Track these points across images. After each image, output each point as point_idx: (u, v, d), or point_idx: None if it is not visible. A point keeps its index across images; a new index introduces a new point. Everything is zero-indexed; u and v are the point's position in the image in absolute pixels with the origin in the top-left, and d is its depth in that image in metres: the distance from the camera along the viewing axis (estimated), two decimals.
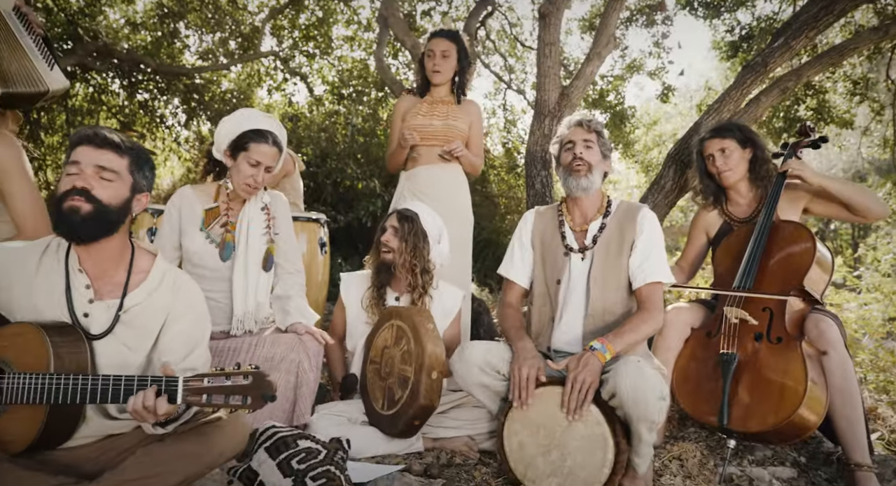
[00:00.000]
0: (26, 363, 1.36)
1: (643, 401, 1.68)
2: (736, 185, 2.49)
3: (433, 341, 2.07)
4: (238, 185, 2.16)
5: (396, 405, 2.07)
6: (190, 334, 1.54)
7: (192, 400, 1.29)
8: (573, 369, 1.78)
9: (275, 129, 2.18)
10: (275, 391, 1.32)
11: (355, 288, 2.45)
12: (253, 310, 2.19)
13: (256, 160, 2.11)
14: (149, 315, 1.51)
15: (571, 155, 2.07)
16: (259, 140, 2.11)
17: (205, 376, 1.29)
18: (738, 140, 2.46)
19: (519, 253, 2.20)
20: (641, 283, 2.00)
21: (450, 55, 2.89)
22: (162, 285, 1.55)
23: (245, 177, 2.12)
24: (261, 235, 2.23)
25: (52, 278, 1.46)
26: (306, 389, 2.03)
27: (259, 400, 1.29)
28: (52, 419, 1.36)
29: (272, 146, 2.14)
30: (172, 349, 1.51)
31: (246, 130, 2.12)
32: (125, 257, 1.53)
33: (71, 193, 1.40)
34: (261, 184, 2.16)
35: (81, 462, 1.45)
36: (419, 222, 2.37)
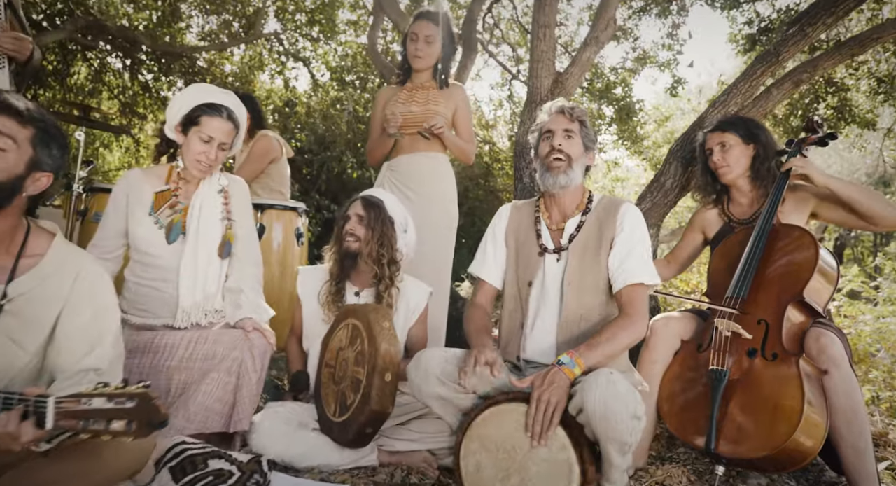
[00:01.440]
0: None
1: (614, 419, 1.48)
2: (735, 182, 2.30)
3: (388, 339, 1.88)
4: (189, 162, 2.00)
5: (348, 411, 1.88)
6: (90, 329, 1.36)
7: (66, 424, 1.10)
8: (538, 387, 1.58)
9: (230, 104, 2.02)
10: (165, 417, 1.12)
11: (312, 283, 2.27)
12: (201, 300, 2.01)
13: (209, 135, 1.96)
14: (40, 305, 1.33)
15: (549, 146, 1.87)
16: (212, 113, 1.96)
17: (82, 396, 1.10)
18: (741, 135, 2.27)
19: (492, 250, 2.00)
20: (622, 284, 1.79)
21: (434, 40, 2.70)
22: (59, 272, 1.36)
23: (196, 153, 1.97)
24: (218, 220, 2.06)
25: None
26: (247, 392, 1.84)
27: (145, 427, 1.10)
28: None
29: (226, 121, 1.98)
30: (69, 347, 1.33)
31: (199, 104, 1.96)
32: (16, 239, 1.35)
33: None
34: (214, 162, 1.99)
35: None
36: (385, 209, 2.18)
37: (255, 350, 1.88)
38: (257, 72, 7.57)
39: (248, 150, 3.54)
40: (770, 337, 1.93)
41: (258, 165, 3.49)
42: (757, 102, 2.79)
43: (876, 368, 3.27)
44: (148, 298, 2.01)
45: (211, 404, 1.78)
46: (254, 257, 2.16)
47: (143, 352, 1.87)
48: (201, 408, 1.77)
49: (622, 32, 6.14)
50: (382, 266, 2.15)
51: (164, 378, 1.84)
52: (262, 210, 3.23)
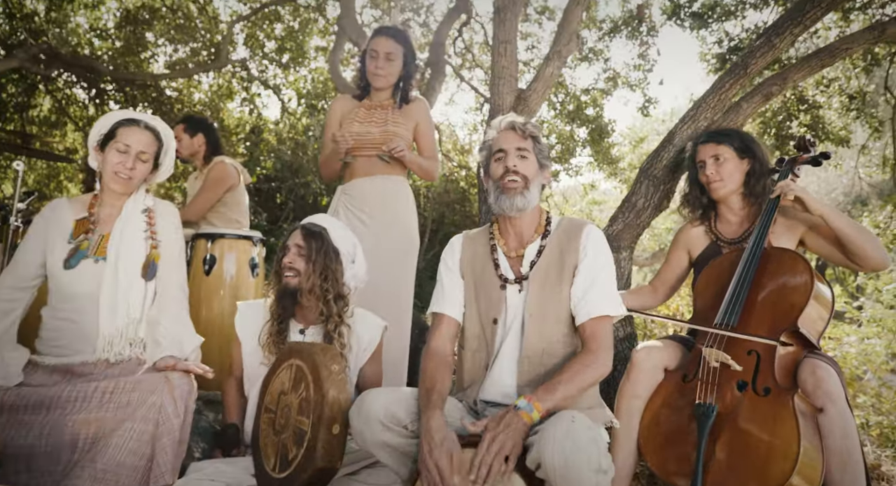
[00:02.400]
0: None
1: (575, 477, 1.29)
2: (727, 199, 2.16)
3: (336, 386, 1.66)
4: (108, 176, 1.90)
5: (290, 467, 1.65)
6: None
7: None
8: (491, 429, 1.40)
9: (151, 120, 1.97)
10: None
11: (253, 319, 2.05)
12: (123, 327, 1.83)
13: (125, 144, 1.89)
14: None
15: (503, 167, 1.70)
16: (128, 124, 1.92)
17: None
18: (735, 148, 2.14)
19: (448, 283, 1.80)
20: (585, 317, 1.62)
21: (395, 58, 2.56)
22: None
23: (113, 165, 1.88)
24: (141, 240, 1.93)
25: None
26: (169, 441, 1.61)
27: None
28: None
29: (144, 130, 1.93)
30: None
31: (117, 120, 1.92)
32: None
33: None
34: (133, 173, 1.90)
35: None
36: (328, 238, 1.98)
37: (175, 392, 1.67)
38: (226, 100, 7.43)
39: (204, 177, 3.37)
40: (762, 369, 1.77)
41: (213, 193, 3.31)
42: (727, 116, 2.69)
43: (864, 393, 3.13)
44: (65, 332, 1.83)
45: (124, 458, 1.55)
46: (177, 280, 1.99)
47: (48, 408, 1.64)
48: (111, 464, 1.54)
49: (593, 54, 6.13)
50: (328, 303, 1.94)
51: (69, 434, 1.60)
52: (213, 240, 3.03)
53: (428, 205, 6.92)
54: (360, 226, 2.56)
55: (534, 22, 6.80)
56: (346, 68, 5.89)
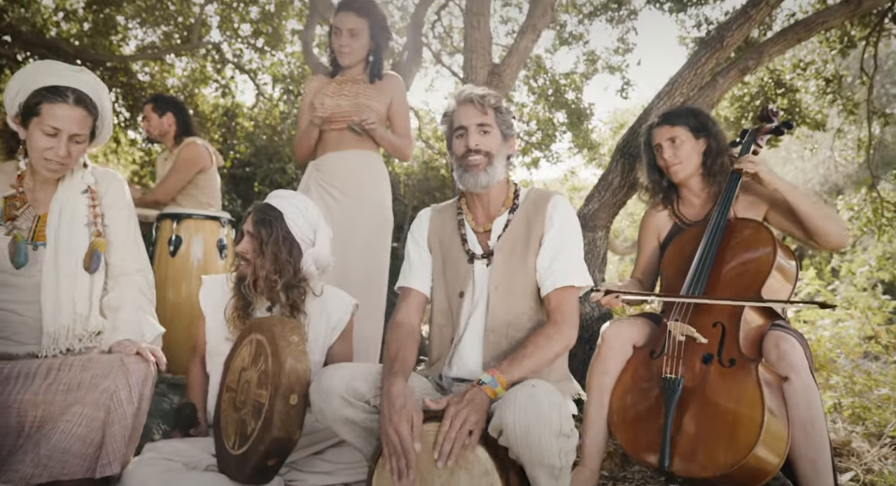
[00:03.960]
0: None
1: (536, 441, 1.26)
2: (687, 181, 2.12)
3: (294, 356, 1.61)
4: (36, 161, 1.66)
5: (248, 442, 1.60)
6: None
7: None
8: (454, 404, 1.36)
9: (81, 84, 1.67)
10: None
11: (217, 294, 1.98)
12: (70, 323, 1.69)
13: (53, 127, 1.61)
14: None
15: (464, 146, 1.64)
16: (53, 99, 1.61)
17: None
18: (690, 128, 2.09)
19: (416, 257, 1.76)
20: (550, 288, 1.58)
21: (359, 33, 2.47)
22: None
23: (41, 151, 1.63)
24: (82, 226, 1.74)
25: None
26: (120, 428, 1.52)
27: None
28: None
29: (74, 106, 1.63)
30: None
31: (37, 88, 1.61)
32: None
33: None
34: (67, 159, 1.65)
35: None
36: (281, 225, 1.85)
37: (131, 378, 1.56)
38: (200, 85, 7.26)
39: (174, 158, 3.26)
40: (727, 341, 1.76)
41: (184, 174, 3.21)
42: (703, 92, 2.66)
43: (837, 373, 3.15)
44: (7, 323, 1.69)
45: (70, 444, 1.47)
46: (135, 263, 1.84)
47: None
48: (57, 450, 1.45)
49: (573, 37, 6.09)
50: (277, 294, 1.85)
51: (15, 415, 1.51)
52: (178, 220, 2.95)
53: (408, 192, 6.84)
54: (331, 202, 2.49)
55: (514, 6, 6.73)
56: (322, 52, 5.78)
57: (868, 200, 4.97)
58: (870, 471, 2.14)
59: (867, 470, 2.14)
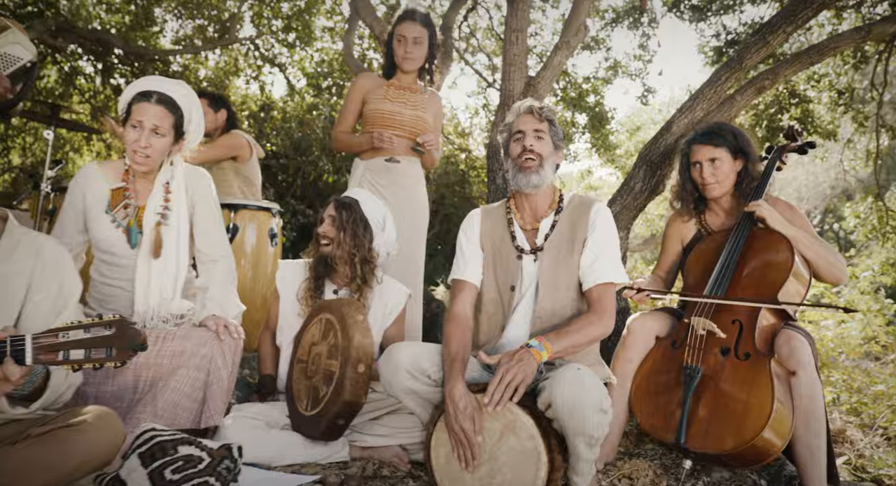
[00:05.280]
0: None
1: (580, 414, 1.51)
2: (719, 198, 2.28)
3: (361, 332, 1.89)
4: (128, 155, 1.91)
5: (320, 404, 1.88)
6: (56, 298, 1.41)
7: (46, 359, 1.14)
8: (505, 362, 1.60)
9: (164, 88, 1.91)
10: (144, 340, 1.17)
11: (292, 277, 2.27)
12: (156, 305, 1.94)
13: (138, 120, 1.85)
14: (6, 284, 1.35)
15: (521, 147, 1.88)
16: (140, 100, 1.87)
17: (59, 330, 1.14)
18: (730, 149, 2.22)
19: (469, 253, 1.97)
20: (591, 283, 1.82)
21: (422, 42, 2.70)
22: (18, 250, 1.39)
23: (130, 143, 1.86)
24: (155, 215, 1.96)
25: None
26: (217, 388, 1.82)
27: (126, 351, 1.15)
28: None
29: (155, 104, 1.87)
30: (36, 316, 1.36)
31: (133, 95, 1.89)
32: None
33: None
34: (149, 149, 1.88)
35: None
36: (359, 209, 2.18)
37: (224, 347, 1.86)
38: (232, 77, 7.52)
39: (212, 142, 3.46)
40: (743, 337, 1.96)
41: (217, 152, 3.37)
42: (721, 108, 2.88)
43: (837, 370, 3.37)
44: (114, 297, 1.97)
45: (179, 400, 1.76)
46: (220, 250, 2.09)
47: None
48: (170, 404, 1.74)
49: (595, 43, 6.29)
50: (354, 266, 2.15)
51: (132, 375, 1.80)
52: (235, 210, 3.20)
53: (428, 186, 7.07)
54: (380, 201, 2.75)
55: (537, 9, 6.93)
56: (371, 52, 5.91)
57: (874, 209, 5.16)
58: (861, 456, 2.39)
59: (859, 455, 2.39)
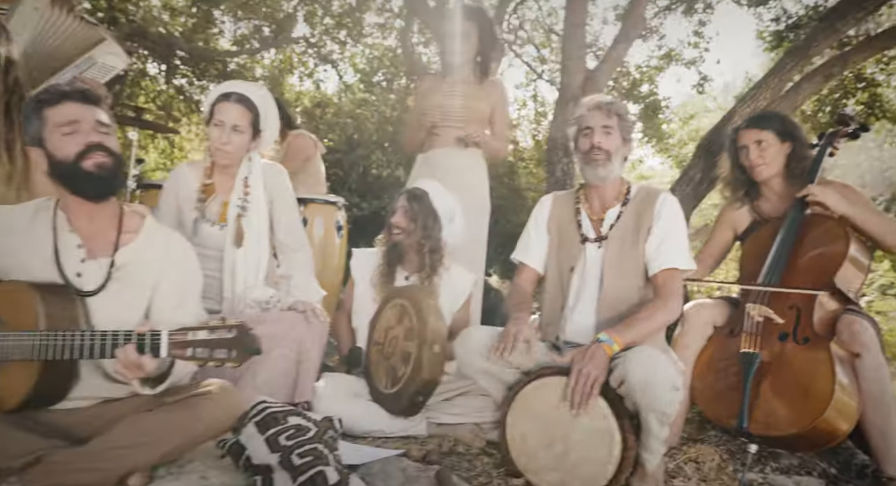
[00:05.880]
0: (17, 321, 1.36)
1: (653, 390, 1.58)
2: (769, 181, 2.30)
3: (435, 315, 2.03)
4: (212, 151, 2.10)
5: (399, 382, 2.03)
6: (178, 287, 1.57)
7: (177, 353, 1.29)
8: (578, 361, 1.69)
9: (243, 89, 2.09)
10: (260, 345, 1.31)
11: (366, 264, 2.43)
12: (242, 292, 2.12)
13: (220, 120, 2.04)
14: (141, 272, 1.52)
15: (589, 143, 1.95)
16: (221, 100, 2.05)
17: (188, 329, 1.29)
18: (776, 132, 2.25)
19: (535, 236, 2.10)
20: (657, 269, 1.88)
21: (470, 36, 2.79)
22: (153, 244, 1.56)
23: (213, 140, 2.06)
24: (235, 209, 2.14)
25: (42, 239, 1.47)
26: (308, 366, 2.00)
27: (244, 354, 1.28)
28: (44, 376, 1.36)
29: (235, 103, 2.04)
30: (163, 305, 1.53)
31: (214, 98, 2.08)
32: (116, 217, 1.54)
33: (91, 150, 1.41)
34: (230, 145, 2.05)
35: (76, 427, 1.45)
36: (428, 200, 2.31)
37: (312, 329, 2.03)
38: (287, 75, 7.77)
39: (285, 149, 3.68)
40: (801, 322, 1.98)
41: (294, 163, 3.61)
42: (787, 97, 2.86)
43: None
44: (206, 287, 2.12)
45: (276, 377, 1.94)
46: (300, 240, 2.27)
47: None
48: (267, 381, 1.92)
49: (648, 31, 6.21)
50: (423, 255, 2.28)
51: None
52: (304, 204, 3.37)
53: None
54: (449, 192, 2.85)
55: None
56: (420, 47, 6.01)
57: None
58: None
59: None
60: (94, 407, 1.50)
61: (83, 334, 1.34)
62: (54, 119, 1.41)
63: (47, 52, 2.47)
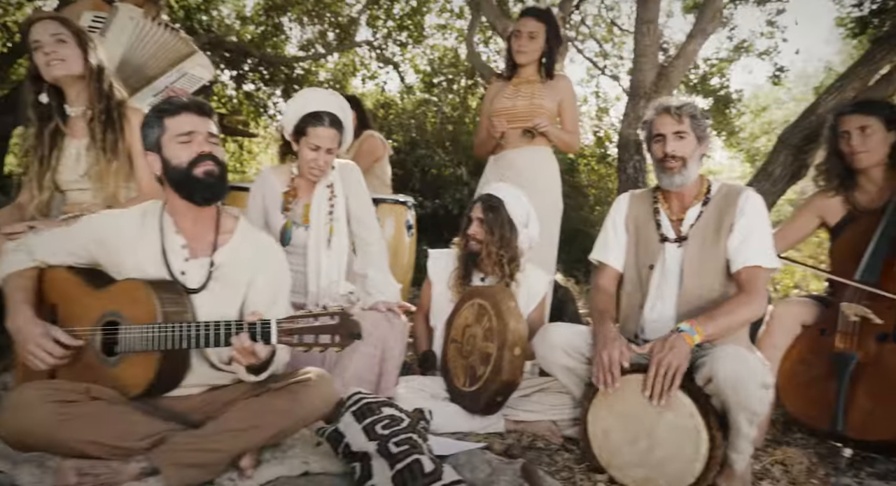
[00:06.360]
0: (137, 316, 1.48)
1: (743, 388, 1.56)
2: (869, 170, 2.18)
3: (515, 317, 2.05)
4: (303, 169, 2.20)
5: (478, 382, 2.07)
6: (270, 285, 1.65)
7: (285, 340, 1.38)
8: (657, 351, 1.68)
9: (333, 108, 2.17)
10: (360, 330, 1.38)
11: (442, 266, 2.48)
12: (325, 286, 2.24)
13: (315, 145, 2.13)
14: (237, 270, 1.62)
15: (662, 152, 1.92)
16: (315, 124, 2.12)
17: (295, 317, 1.38)
18: (884, 119, 2.14)
19: (613, 236, 2.08)
20: (740, 265, 1.83)
21: (537, 36, 2.81)
22: (246, 244, 1.66)
23: (307, 161, 2.16)
24: (325, 215, 2.26)
25: (152, 240, 1.59)
26: (392, 364, 2.08)
27: (347, 338, 1.35)
28: (163, 366, 1.48)
29: (329, 128, 2.13)
30: (256, 301, 1.62)
31: (304, 115, 2.14)
32: (214, 219, 1.65)
33: (202, 158, 1.52)
34: (324, 167, 2.17)
35: (189, 411, 1.58)
36: (505, 210, 2.32)
37: (395, 327, 2.12)
38: (350, 77, 7.99)
39: (355, 150, 3.79)
40: None
41: (364, 164, 3.71)
42: (877, 87, 2.72)
43: None
44: (294, 282, 2.24)
45: (362, 373, 2.03)
46: (375, 235, 2.36)
47: None
48: (354, 377, 2.01)
49: None
50: (502, 266, 2.30)
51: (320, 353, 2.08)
52: (376, 204, 3.45)
53: None
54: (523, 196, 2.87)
55: None
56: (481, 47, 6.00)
57: None
58: None
59: None
60: (203, 394, 1.62)
61: (198, 324, 1.46)
62: (173, 128, 1.53)
63: (142, 60, 2.66)
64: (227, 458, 1.47)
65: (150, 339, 1.45)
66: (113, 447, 1.42)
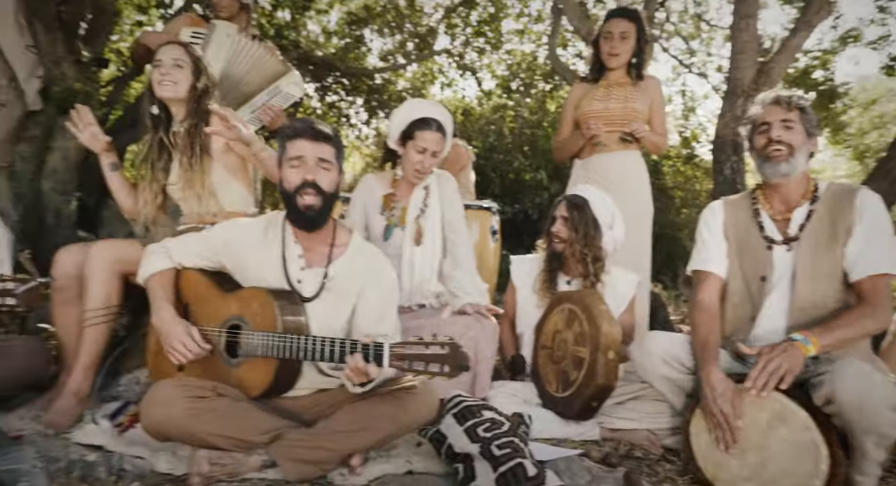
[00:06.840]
0: (258, 322, 1.60)
1: (871, 410, 1.46)
2: None
3: (608, 320, 2.02)
4: (408, 171, 2.33)
5: (572, 387, 2.05)
6: (381, 301, 1.71)
7: (396, 365, 1.41)
8: (766, 353, 1.59)
9: (439, 115, 2.29)
10: (469, 362, 1.39)
11: (526, 271, 2.49)
12: (418, 284, 2.34)
13: (423, 147, 2.25)
14: (349, 282, 1.70)
15: (766, 139, 1.82)
16: (423, 128, 2.25)
17: (407, 344, 1.41)
18: None
19: (712, 243, 1.95)
20: (862, 274, 1.71)
21: (628, 36, 2.76)
22: (358, 257, 1.73)
23: (413, 163, 2.28)
24: (419, 214, 2.37)
25: (273, 249, 1.70)
26: (484, 365, 2.11)
27: (456, 369, 1.37)
28: (280, 371, 1.59)
29: (436, 132, 2.26)
30: (366, 314, 1.68)
31: (413, 120, 2.27)
32: (330, 231, 1.73)
33: (303, 187, 1.60)
34: (428, 169, 2.29)
35: (301, 411, 1.69)
36: (589, 210, 2.31)
37: (486, 328, 2.15)
38: (429, 85, 8.15)
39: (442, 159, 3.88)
40: None
41: (450, 171, 3.80)
42: None
43: None
44: None
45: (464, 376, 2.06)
46: (463, 238, 2.44)
47: None
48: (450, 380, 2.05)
49: None
50: (586, 265, 2.29)
51: None
52: None
53: None
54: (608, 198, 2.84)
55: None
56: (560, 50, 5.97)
57: None
58: None
59: None
60: (312, 395, 1.72)
61: (314, 339, 1.53)
62: (289, 152, 1.64)
63: (238, 77, 2.85)
64: (338, 457, 1.56)
65: (270, 347, 1.55)
66: (237, 440, 1.55)
